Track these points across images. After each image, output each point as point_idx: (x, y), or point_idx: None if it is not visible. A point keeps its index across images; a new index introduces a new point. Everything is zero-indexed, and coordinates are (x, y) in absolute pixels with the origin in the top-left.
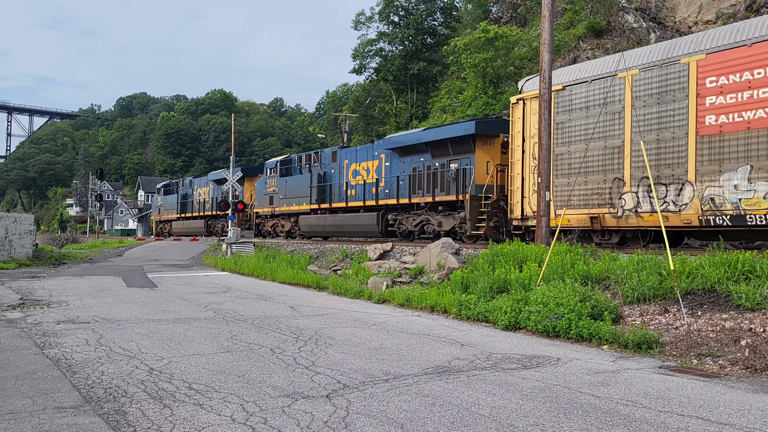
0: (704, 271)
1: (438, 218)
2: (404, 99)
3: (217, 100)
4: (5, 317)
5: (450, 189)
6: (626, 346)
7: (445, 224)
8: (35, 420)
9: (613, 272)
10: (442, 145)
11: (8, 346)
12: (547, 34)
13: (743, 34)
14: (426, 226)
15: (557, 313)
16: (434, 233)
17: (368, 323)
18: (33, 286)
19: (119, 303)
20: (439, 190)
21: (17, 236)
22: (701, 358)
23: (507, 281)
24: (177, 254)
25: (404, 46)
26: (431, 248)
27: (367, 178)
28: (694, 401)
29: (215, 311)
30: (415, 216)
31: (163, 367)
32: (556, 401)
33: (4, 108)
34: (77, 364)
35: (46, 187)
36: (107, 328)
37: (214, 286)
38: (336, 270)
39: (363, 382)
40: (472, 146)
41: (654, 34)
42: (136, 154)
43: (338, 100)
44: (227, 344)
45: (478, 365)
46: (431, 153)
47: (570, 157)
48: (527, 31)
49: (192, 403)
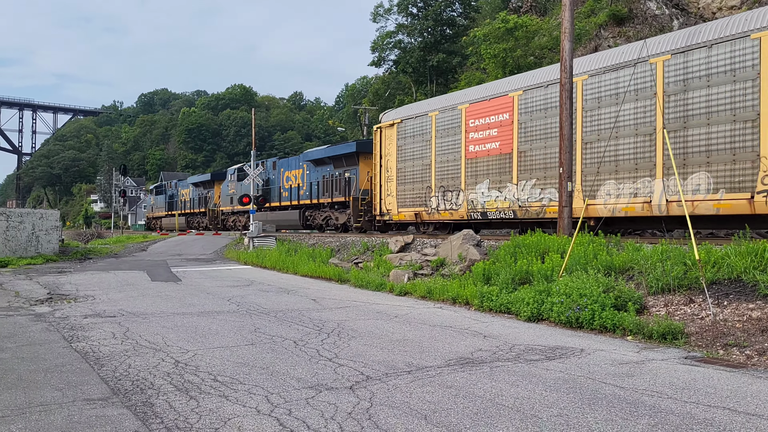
0: (730, 260)
1: (336, 214)
2: (423, 91)
3: (237, 95)
4: (34, 311)
5: (343, 192)
6: (651, 336)
7: (340, 219)
8: (65, 412)
9: (637, 262)
10: (339, 159)
11: (37, 339)
12: (568, 23)
13: (487, 91)
14: (329, 220)
15: (580, 303)
16: (334, 225)
17: (390, 315)
18: (60, 281)
19: (144, 297)
20: (337, 193)
21: (44, 232)
22: (727, 348)
23: (529, 272)
24: (200, 248)
25: (423, 37)
26: (452, 240)
27: (294, 183)
28: (720, 392)
29: (238, 304)
30: (323, 212)
31: (189, 359)
32: (580, 392)
33: (29, 106)
34: (104, 357)
35: (70, 183)
36: (133, 322)
37: (236, 280)
38: (357, 263)
39: (386, 373)
40: (356, 160)
41: (677, 20)
42: (158, 149)
43: (358, 93)
44: (251, 337)
45: (500, 356)
46: (333, 165)
47: (405, 171)
48: (547, 20)
49: (217, 395)
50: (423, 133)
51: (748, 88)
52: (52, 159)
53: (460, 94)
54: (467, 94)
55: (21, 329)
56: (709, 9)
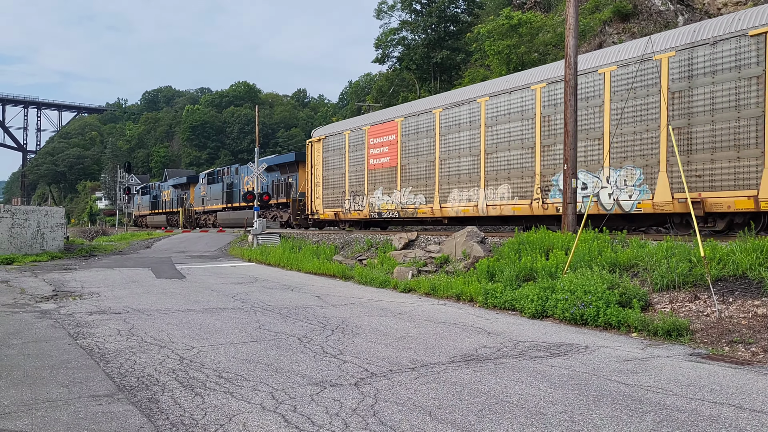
0: (735, 257)
1: (281, 213)
2: (427, 88)
3: (241, 93)
4: (39, 308)
5: (286, 194)
6: (656, 333)
7: (284, 217)
8: (71, 408)
9: (642, 259)
10: (284, 167)
11: (43, 336)
12: (572, 19)
13: (383, 116)
14: (276, 218)
15: (585, 300)
16: (281, 223)
17: (394, 312)
18: (65, 278)
19: (149, 294)
20: (282, 196)
21: (49, 229)
22: (733, 345)
23: (533, 269)
24: (204, 246)
25: (427, 34)
26: (456, 237)
27: (251, 187)
28: (726, 389)
29: (243, 301)
30: (272, 211)
31: (194, 356)
32: (585, 389)
33: (34, 103)
34: (110, 354)
35: (75, 180)
36: (138, 319)
37: (241, 277)
38: (361, 260)
39: (390, 370)
40: (296, 168)
41: (682, 16)
42: (163, 147)
43: (361, 90)
44: (255, 334)
45: (505, 353)
46: (280, 171)
47: (328, 179)
48: (551, 17)
49: (222, 392)
50: (340, 148)
51: (530, 126)
52: (57, 156)
53: (365, 118)
54: (370, 117)
55: (27, 326)
56: (715, 5)
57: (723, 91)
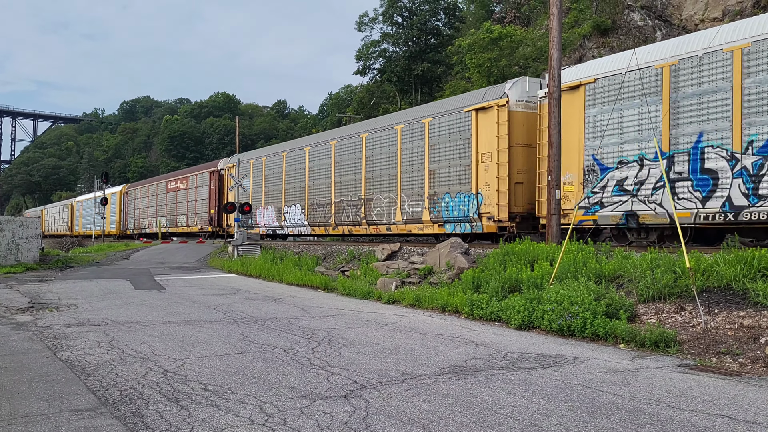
0: (720, 268)
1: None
2: (408, 100)
3: (221, 103)
4: (15, 320)
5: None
6: (643, 344)
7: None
8: (52, 422)
9: (627, 270)
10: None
11: (20, 348)
12: (556, 32)
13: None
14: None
15: (572, 311)
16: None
17: (380, 324)
18: (41, 289)
19: (128, 306)
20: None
21: (24, 240)
22: (720, 356)
23: (519, 280)
24: (183, 257)
25: (408, 46)
26: (440, 248)
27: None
28: (718, 400)
29: (225, 313)
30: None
31: (178, 368)
32: (578, 400)
33: (9, 113)
34: (91, 367)
35: (50, 191)
36: (118, 331)
37: (222, 288)
38: (344, 271)
39: (380, 382)
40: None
41: (660, 32)
42: (140, 157)
43: (342, 102)
44: (240, 345)
45: (494, 365)
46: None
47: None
48: (531, 31)
49: (209, 405)
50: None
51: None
52: (32, 167)
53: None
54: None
55: (2, 338)
56: (692, 21)
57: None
